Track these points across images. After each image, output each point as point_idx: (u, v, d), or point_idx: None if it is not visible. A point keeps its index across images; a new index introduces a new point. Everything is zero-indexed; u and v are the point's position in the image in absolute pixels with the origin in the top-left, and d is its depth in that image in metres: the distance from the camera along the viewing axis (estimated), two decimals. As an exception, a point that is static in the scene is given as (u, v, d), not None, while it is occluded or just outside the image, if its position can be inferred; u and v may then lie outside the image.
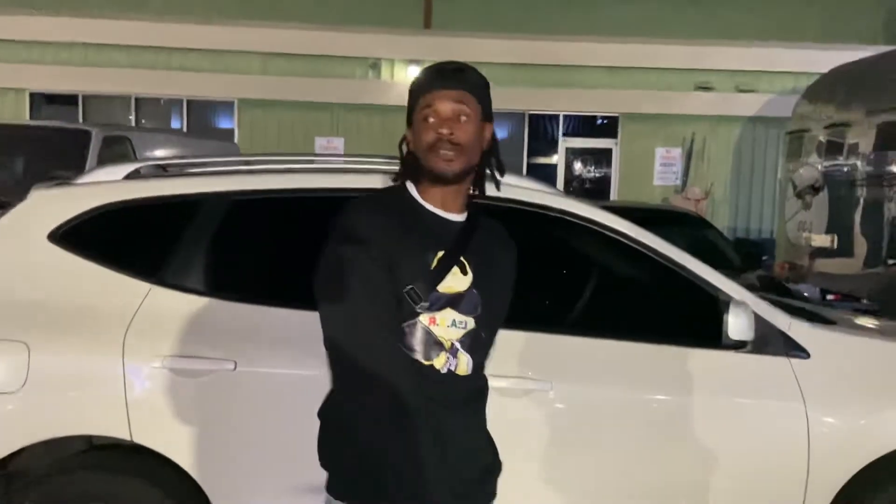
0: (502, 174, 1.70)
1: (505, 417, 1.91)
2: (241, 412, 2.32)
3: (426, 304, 1.54)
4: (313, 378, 1.94)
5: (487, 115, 1.63)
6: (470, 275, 1.60)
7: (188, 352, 2.30)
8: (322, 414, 1.65)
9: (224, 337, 2.33)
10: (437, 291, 1.56)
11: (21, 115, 11.76)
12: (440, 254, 1.57)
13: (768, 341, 2.40)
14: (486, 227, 1.68)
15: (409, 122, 1.63)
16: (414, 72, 12.33)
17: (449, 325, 1.57)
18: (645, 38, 11.97)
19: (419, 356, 1.55)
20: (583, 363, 2.40)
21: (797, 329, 2.46)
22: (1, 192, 4.90)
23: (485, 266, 1.62)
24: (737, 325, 2.30)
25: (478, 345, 1.61)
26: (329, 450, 1.62)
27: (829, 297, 7.11)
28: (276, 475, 2.31)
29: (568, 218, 2.51)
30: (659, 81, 12.22)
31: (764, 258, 6.43)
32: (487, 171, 1.69)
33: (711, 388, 2.39)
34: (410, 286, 1.53)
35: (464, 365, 1.59)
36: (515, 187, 2.46)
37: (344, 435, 1.55)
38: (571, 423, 2.35)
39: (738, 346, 2.38)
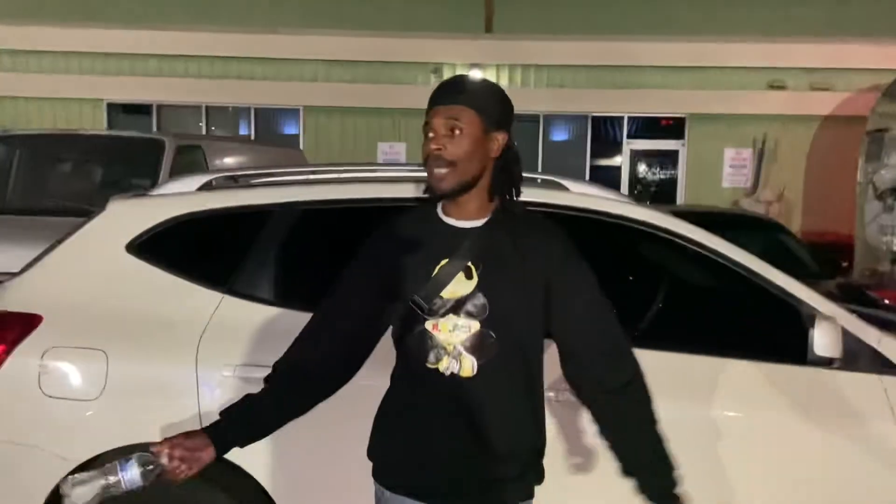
0: (517, 185, 1.69)
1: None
2: (315, 423, 2.32)
3: (430, 311, 1.61)
4: (376, 387, 1.92)
5: (496, 124, 1.63)
6: (475, 278, 1.62)
7: (259, 361, 2.32)
8: None
9: (294, 347, 2.33)
10: (441, 298, 1.62)
11: (98, 124, 12.27)
12: (443, 262, 1.62)
13: (857, 357, 2.28)
14: (515, 227, 1.66)
15: None
16: (476, 76, 12.33)
17: (451, 330, 1.61)
18: (713, 37, 11.65)
19: (425, 361, 1.63)
20: (658, 377, 2.31)
21: (888, 345, 2.33)
22: (81, 199, 5.09)
23: (496, 267, 1.62)
24: (823, 340, 2.19)
25: (485, 346, 1.61)
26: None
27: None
28: (356, 487, 2.30)
29: (637, 227, 2.43)
30: (728, 80, 11.88)
31: (843, 264, 6.14)
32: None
33: (797, 405, 2.28)
34: (414, 296, 1.61)
35: (468, 367, 1.61)
36: (578, 195, 2.42)
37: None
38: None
39: (825, 362, 2.26)
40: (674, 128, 12.50)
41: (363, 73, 12.10)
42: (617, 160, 12.64)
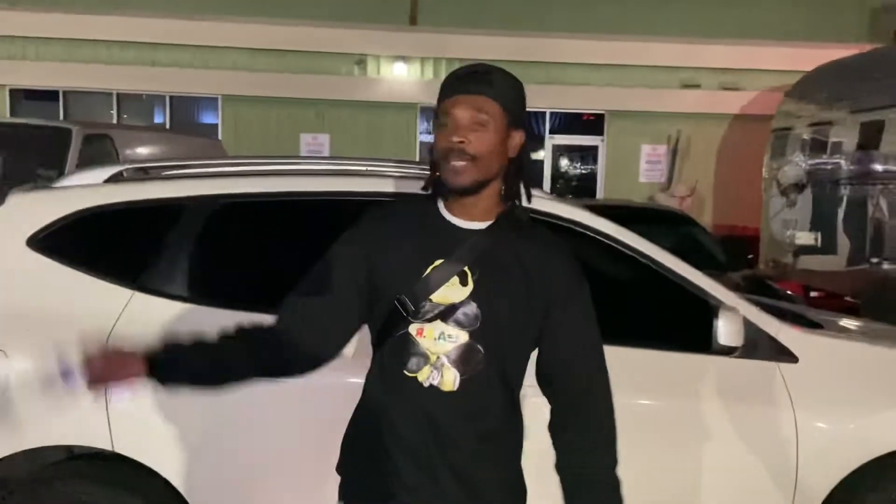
0: (527, 188, 1.57)
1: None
2: (225, 422, 2.28)
3: (415, 314, 1.48)
4: (297, 386, 1.91)
5: (516, 121, 1.52)
6: (470, 285, 1.49)
7: (171, 359, 2.26)
8: None
9: (208, 344, 2.28)
10: (430, 301, 1.48)
11: (0, 111, 11.60)
12: (437, 262, 1.49)
13: (757, 346, 2.40)
14: (520, 236, 1.54)
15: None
16: (400, 68, 12.32)
17: (436, 338, 1.48)
18: (631, 36, 11.99)
19: (404, 368, 1.49)
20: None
21: (786, 334, 2.47)
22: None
23: (495, 278, 1.49)
24: (727, 330, 2.30)
25: (471, 360, 1.48)
26: None
27: (813, 294, 7.17)
28: (260, 486, 2.27)
29: (551, 221, 2.47)
30: (645, 79, 12.25)
31: (749, 256, 6.45)
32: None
33: (700, 392, 2.39)
34: (400, 294, 1.48)
35: (449, 380, 1.48)
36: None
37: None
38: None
39: (728, 351, 2.37)
40: (594, 124, 12.81)
41: (286, 62, 11.87)
42: (540, 154, 12.87)
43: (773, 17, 12.58)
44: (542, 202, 2.51)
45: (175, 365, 1.54)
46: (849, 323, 3.20)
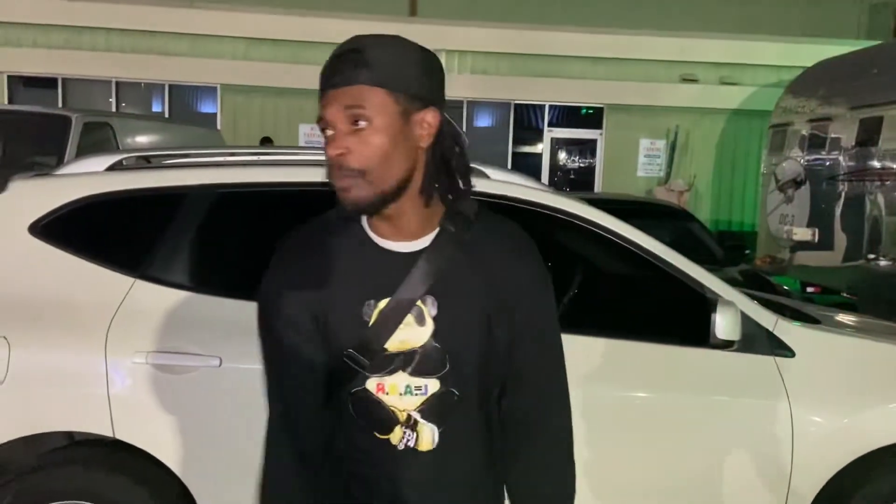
0: (463, 177, 1.24)
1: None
2: (226, 409, 2.30)
3: (372, 368, 1.22)
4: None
5: (420, 100, 1.17)
6: (429, 324, 1.21)
7: (172, 348, 2.27)
8: None
9: (209, 333, 2.30)
10: (386, 351, 1.21)
11: (-2, 98, 11.57)
12: (381, 304, 1.21)
13: (754, 340, 2.42)
14: (472, 238, 1.24)
15: None
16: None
17: (402, 393, 1.22)
18: (631, 30, 11.99)
19: (371, 429, 1.25)
20: (568, 360, 2.39)
21: (782, 328, 2.48)
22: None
23: (456, 305, 1.21)
24: (724, 324, 2.31)
25: (449, 408, 1.24)
26: None
27: (810, 289, 7.20)
28: (259, 472, 2.29)
29: (552, 214, 2.49)
30: (644, 73, 12.25)
31: (746, 252, 6.47)
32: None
33: (698, 386, 2.41)
34: (349, 349, 1.21)
35: (427, 439, 1.24)
36: (495, 182, 2.46)
37: None
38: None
39: (726, 345, 2.39)
40: (593, 117, 12.81)
41: (285, 52, 11.84)
42: (538, 147, 12.87)
43: (773, 12, 12.60)
44: (539, 195, 2.52)
45: None
46: (846, 318, 3.22)
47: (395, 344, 1.22)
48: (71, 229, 2.38)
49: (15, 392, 2.24)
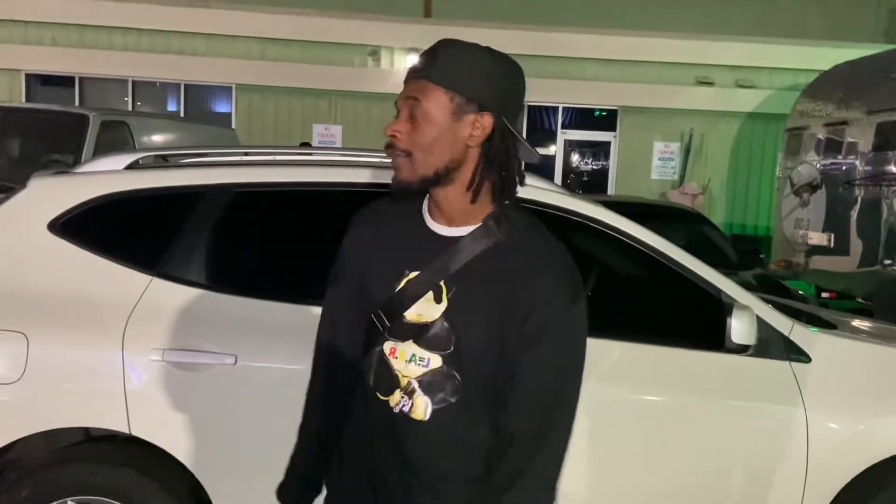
0: (511, 183, 1.34)
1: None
2: (240, 407, 2.31)
3: (391, 331, 1.36)
4: (301, 371, 1.92)
5: (476, 104, 1.29)
6: (444, 303, 1.32)
7: (188, 345, 2.29)
8: None
9: (225, 331, 2.31)
10: (404, 319, 1.34)
11: (16, 96, 11.67)
12: (412, 275, 1.34)
13: (770, 345, 2.41)
14: (510, 242, 1.32)
15: None
16: (414, 60, 12.24)
17: (408, 361, 1.34)
18: (646, 32, 11.94)
19: (377, 389, 1.38)
20: (587, 362, 2.39)
21: (798, 333, 2.47)
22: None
23: (472, 293, 1.31)
24: (740, 329, 2.30)
25: (444, 387, 1.32)
26: None
27: (825, 294, 7.14)
28: (274, 470, 2.30)
29: (568, 217, 2.49)
30: (659, 75, 12.19)
31: (760, 256, 6.43)
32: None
33: (713, 390, 2.39)
34: (377, 309, 1.37)
35: (420, 409, 1.33)
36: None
37: None
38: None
39: (741, 349, 2.38)
40: (607, 119, 12.76)
41: (299, 52, 11.88)
42: (551, 149, 12.83)
43: (790, 14, 12.51)
44: (556, 197, 2.52)
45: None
46: (861, 324, 3.19)
47: (412, 314, 1.34)
48: (89, 227, 2.40)
49: (33, 387, 2.26)
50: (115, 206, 2.43)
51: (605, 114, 12.75)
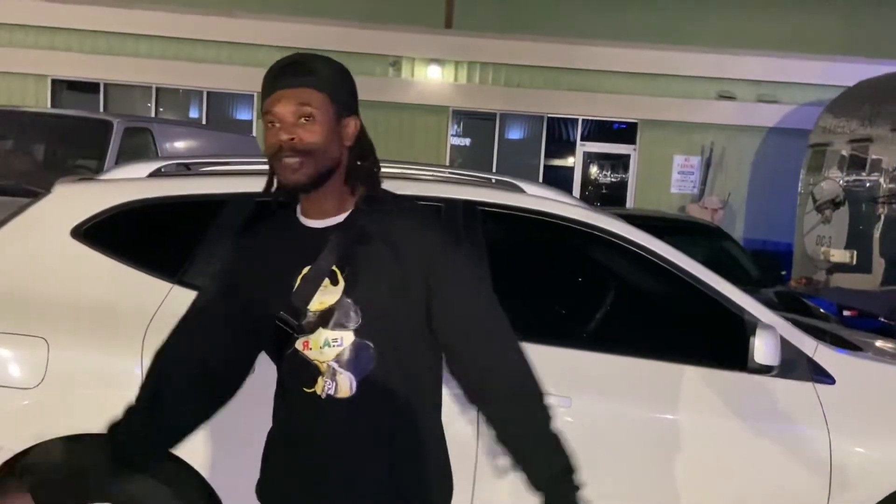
0: (376, 176, 1.52)
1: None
2: (253, 413, 2.30)
3: (300, 328, 1.44)
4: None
5: (347, 109, 1.48)
6: (341, 283, 1.44)
7: (207, 354, 2.29)
8: None
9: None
10: (309, 312, 1.44)
11: (42, 101, 11.85)
12: (305, 271, 1.45)
13: (794, 366, 2.37)
14: (383, 217, 1.48)
15: None
16: (434, 71, 12.35)
17: (322, 346, 1.44)
18: (667, 45, 11.90)
19: (302, 385, 1.46)
20: (601, 380, 2.37)
21: (823, 354, 2.43)
22: (23, 179, 4.92)
23: (365, 268, 1.44)
24: (763, 349, 2.27)
25: (361, 359, 1.43)
26: None
27: (846, 313, 7.04)
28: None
29: (589, 231, 2.47)
30: (680, 89, 12.14)
31: (782, 272, 6.35)
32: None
33: (735, 411, 2.36)
34: (280, 313, 1.44)
35: (345, 386, 1.43)
36: (534, 197, 2.45)
37: None
38: (588, 440, 2.31)
39: (764, 370, 2.34)
40: (626, 132, 12.72)
41: (320, 62, 11.95)
42: (570, 161, 12.81)
43: (814, 29, 12.42)
44: (577, 211, 2.51)
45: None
46: (885, 345, 3.14)
47: (315, 304, 1.44)
48: (112, 234, 2.42)
49: (52, 392, 2.27)
50: (137, 214, 2.45)
51: (624, 126, 12.71)
